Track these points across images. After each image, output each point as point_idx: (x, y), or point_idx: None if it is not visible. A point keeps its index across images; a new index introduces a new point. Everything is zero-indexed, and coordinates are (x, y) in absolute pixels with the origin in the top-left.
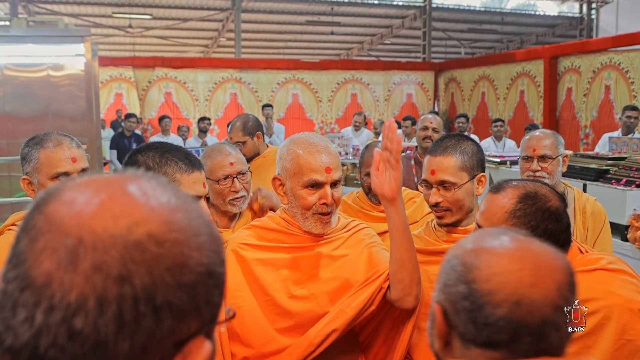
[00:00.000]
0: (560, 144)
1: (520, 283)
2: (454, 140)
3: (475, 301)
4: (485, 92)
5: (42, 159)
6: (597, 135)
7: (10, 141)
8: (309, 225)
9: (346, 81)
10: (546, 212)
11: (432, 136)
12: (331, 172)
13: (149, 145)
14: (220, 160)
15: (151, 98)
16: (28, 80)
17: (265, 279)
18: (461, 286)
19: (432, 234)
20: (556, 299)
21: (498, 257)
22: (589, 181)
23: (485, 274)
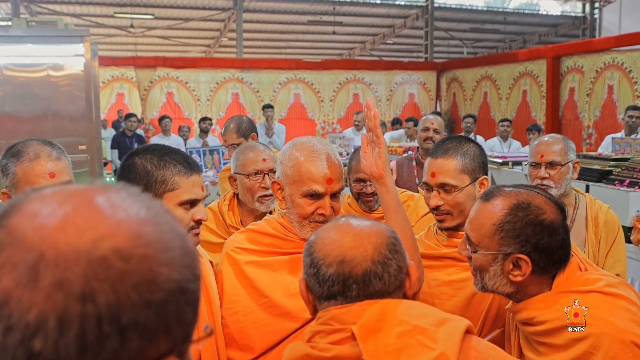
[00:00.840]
0: (571, 150)
1: (343, 247)
2: (456, 142)
3: (315, 265)
4: (487, 92)
5: (19, 174)
6: (600, 136)
7: (11, 141)
8: (306, 233)
9: (348, 81)
10: (538, 225)
11: (434, 137)
12: (332, 183)
13: (146, 148)
14: (253, 156)
15: (153, 98)
16: (28, 80)
17: (262, 281)
18: (307, 258)
19: (433, 238)
20: (374, 255)
21: (328, 232)
22: (591, 182)
23: (319, 245)
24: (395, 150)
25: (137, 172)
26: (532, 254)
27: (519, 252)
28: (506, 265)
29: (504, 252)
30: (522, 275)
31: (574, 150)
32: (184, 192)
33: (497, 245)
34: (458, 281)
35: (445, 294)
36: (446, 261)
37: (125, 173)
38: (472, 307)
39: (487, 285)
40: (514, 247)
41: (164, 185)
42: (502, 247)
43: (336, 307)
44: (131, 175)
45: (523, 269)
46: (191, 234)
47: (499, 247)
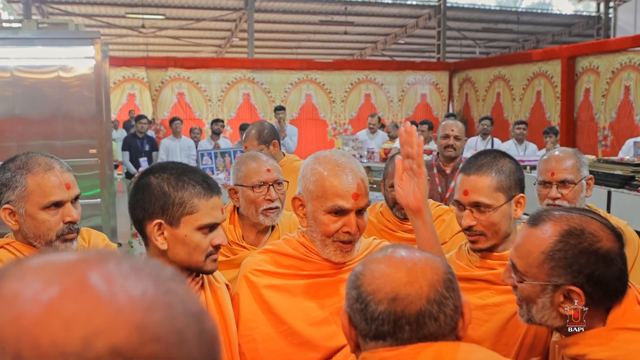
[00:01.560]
0: (584, 166)
1: (395, 282)
2: (490, 157)
3: (362, 301)
4: (500, 92)
5: (32, 185)
6: (616, 137)
7: (21, 143)
8: (328, 252)
9: (360, 81)
10: (593, 254)
11: (455, 144)
12: (358, 198)
13: (163, 166)
14: (256, 167)
15: (164, 98)
16: (38, 82)
17: (282, 306)
18: (353, 291)
19: (465, 258)
20: (429, 294)
21: (379, 265)
22: (614, 188)
23: (369, 279)
24: None
25: (153, 193)
26: (585, 285)
27: (570, 283)
28: (556, 297)
29: (554, 283)
30: (575, 309)
31: (587, 165)
32: (203, 216)
33: (546, 275)
34: (492, 305)
35: (478, 319)
36: (479, 284)
37: (140, 193)
38: (507, 333)
39: (534, 317)
40: (565, 278)
41: (182, 207)
42: (552, 278)
43: (385, 349)
44: (146, 196)
45: (575, 302)
46: (209, 260)
47: (549, 278)
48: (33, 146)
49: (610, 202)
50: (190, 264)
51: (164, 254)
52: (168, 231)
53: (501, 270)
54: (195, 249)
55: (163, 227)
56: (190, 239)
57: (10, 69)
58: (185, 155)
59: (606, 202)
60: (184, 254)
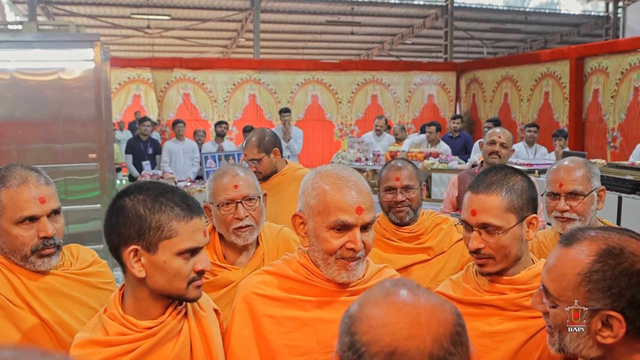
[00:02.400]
0: (595, 176)
1: (395, 335)
2: (501, 174)
3: (356, 351)
4: (508, 93)
5: (5, 199)
6: (625, 139)
7: (21, 147)
8: (332, 272)
9: (366, 82)
10: (634, 276)
11: (500, 152)
12: (362, 212)
13: (139, 187)
14: (224, 183)
15: (169, 99)
16: (38, 84)
17: (276, 342)
18: (346, 337)
19: (473, 281)
20: (433, 350)
21: (377, 310)
22: (624, 194)
23: (365, 327)
24: (415, 156)
25: (128, 216)
26: (626, 310)
27: (609, 308)
28: (593, 323)
29: (592, 307)
30: (614, 337)
31: (598, 176)
32: (183, 240)
33: (582, 299)
34: (501, 332)
35: (485, 347)
36: (488, 309)
37: (114, 217)
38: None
39: (567, 347)
40: (603, 302)
41: (159, 232)
42: (589, 302)
43: None
44: (121, 219)
45: (615, 329)
46: (192, 287)
47: (586, 302)
48: (33, 150)
49: (621, 208)
50: (171, 292)
51: (143, 282)
52: (145, 257)
53: (512, 295)
54: (175, 276)
55: (140, 253)
56: (170, 265)
57: (10, 71)
58: (188, 158)
59: (617, 208)
60: (164, 281)
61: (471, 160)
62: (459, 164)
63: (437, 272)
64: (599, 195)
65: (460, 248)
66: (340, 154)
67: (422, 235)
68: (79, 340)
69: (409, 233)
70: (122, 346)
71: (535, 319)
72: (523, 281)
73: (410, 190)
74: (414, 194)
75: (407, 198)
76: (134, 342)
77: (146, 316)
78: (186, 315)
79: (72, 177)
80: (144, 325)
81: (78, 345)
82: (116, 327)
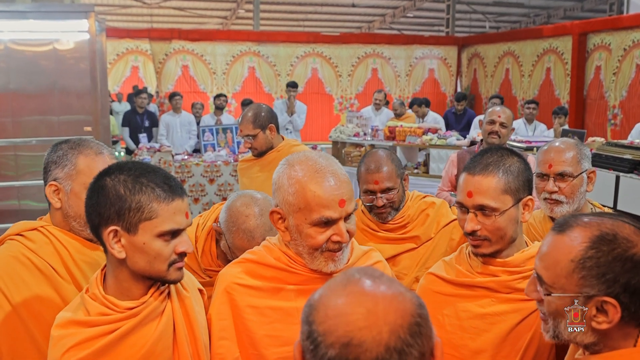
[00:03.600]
0: (585, 158)
1: (350, 325)
2: (497, 155)
3: (313, 341)
4: (509, 68)
5: (81, 165)
6: (625, 117)
7: (16, 119)
8: (319, 264)
9: (367, 55)
10: (628, 261)
11: (500, 131)
12: (345, 204)
13: (120, 167)
14: (250, 235)
15: (168, 71)
16: (33, 55)
17: (257, 333)
18: (305, 326)
19: (466, 262)
20: (389, 341)
21: (335, 300)
22: (622, 173)
23: (322, 316)
24: (414, 132)
25: (108, 197)
26: (621, 296)
27: (604, 294)
28: (588, 310)
29: (586, 294)
30: (609, 322)
31: (589, 158)
32: (163, 222)
33: (576, 286)
34: (492, 315)
35: (477, 328)
36: (480, 291)
37: (95, 197)
38: (508, 345)
39: (562, 333)
40: (598, 289)
41: (139, 213)
42: (583, 289)
43: None
44: (101, 199)
45: (610, 314)
46: (173, 269)
47: (580, 289)
48: (28, 122)
49: (619, 187)
50: (152, 274)
51: (123, 263)
52: (125, 238)
53: (505, 277)
54: (156, 257)
55: (120, 234)
56: (150, 246)
57: (4, 42)
58: (185, 131)
59: (614, 187)
60: (144, 263)
61: (470, 137)
62: (457, 140)
63: (426, 258)
64: (589, 177)
65: (449, 232)
66: (339, 129)
67: (407, 224)
68: (61, 320)
69: (394, 224)
70: (103, 326)
71: (527, 301)
72: (516, 264)
73: (391, 191)
74: (395, 194)
75: (388, 199)
76: (115, 323)
77: (128, 296)
78: (169, 295)
79: None
80: (126, 306)
81: (59, 325)
82: (97, 307)
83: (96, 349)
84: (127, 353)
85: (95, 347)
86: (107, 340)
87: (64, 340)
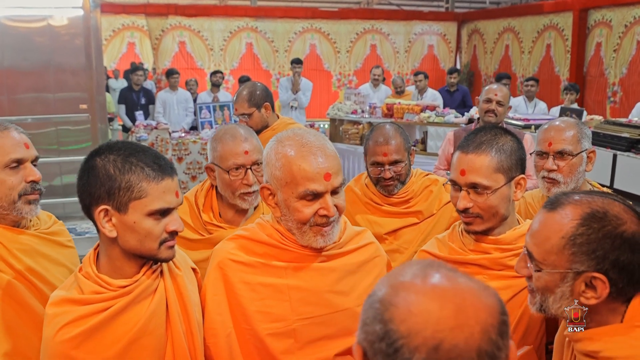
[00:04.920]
0: (585, 137)
1: (440, 325)
2: (490, 134)
3: (391, 344)
4: (509, 44)
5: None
6: (625, 94)
7: (12, 97)
8: (308, 239)
9: (365, 31)
10: (618, 238)
11: (497, 110)
12: (331, 178)
13: (110, 147)
14: (233, 147)
15: (165, 47)
16: (27, 32)
17: (249, 308)
18: (378, 325)
19: (458, 240)
20: (482, 344)
21: (417, 295)
22: (620, 151)
23: (402, 313)
24: (412, 109)
25: (98, 176)
26: (609, 272)
27: (594, 270)
28: (577, 285)
29: (576, 270)
30: (597, 297)
31: (589, 137)
32: (153, 201)
33: (567, 262)
34: None
35: None
36: (472, 268)
37: (85, 176)
38: None
39: (549, 308)
40: (588, 265)
41: (129, 192)
42: (573, 265)
43: None
44: (91, 179)
45: (599, 290)
46: (164, 248)
47: (570, 265)
48: (24, 99)
49: (616, 165)
50: (143, 252)
51: (115, 242)
52: (116, 217)
53: (496, 254)
54: (146, 236)
55: (110, 213)
56: (140, 225)
57: None
58: (182, 108)
59: (611, 165)
60: (135, 241)
61: (468, 115)
62: (455, 118)
63: (427, 234)
64: (588, 156)
65: (450, 209)
66: (337, 106)
67: (411, 199)
68: (55, 299)
69: (398, 198)
70: (96, 304)
71: (518, 278)
72: (508, 241)
73: (398, 164)
74: (403, 167)
75: (395, 172)
76: (108, 301)
77: (121, 275)
78: (162, 274)
79: (64, 128)
80: (119, 284)
81: (54, 303)
82: (91, 285)
83: (90, 327)
84: (120, 330)
85: (89, 324)
86: (101, 317)
87: (58, 318)
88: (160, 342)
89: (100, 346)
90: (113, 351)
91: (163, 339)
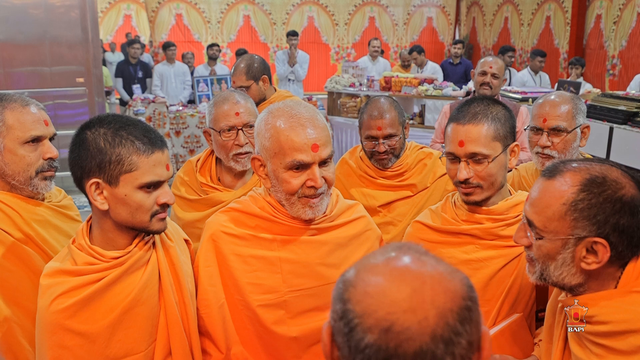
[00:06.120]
0: (580, 112)
1: (393, 306)
2: (483, 104)
3: (348, 323)
4: (508, 17)
5: (10, 120)
6: (624, 67)
7: (8, 70)
8: (297, 210)
9: (364, 3)
10: (617, 202)
11: (491, 82)
12: (319, 149)
13: (100, 120)
14: (226, 109)
15: (161, 20)
16: (22, 5)
17: (242, 279)
18: (338, 305)
19: (451, 210)
20: (436, 328)
21: (376, 276)
22: (616, 124)
23: (359, 294)
24: (410, 82)
25: (89, 150)
26: (610, 236)
27: (595, 234)
28: (578, 251)
29: (577, 235)
30: (598, 262)
31: (584, 112)
32: (143, 174)
33: (568, 228)
34: (476, 260)
35: None
36: (464, 238)
37: (77, 150)
38: (490, 289)
39: (550, 275)
40: (589, 230)
41: (119, 165)
42: (575, 231)
43: None
44: (82, 153)
45: (600, 254)
46: (155, 220)
47: (572, 231)
48: (20, 73)
49: (612, 138)
50: (134, 225)
51: (107, 214)
52: (107, 190)
53: (488, 224)
54: (137, 209)
55: (101, 186)
56: (132, 198)
57: None
58: (180, 82)
59: (607, 138)
60: (126, 214)
61: (466, 88)
62: (453, 91)
63: (421, 206)
64: (582, 132)
65: (444, 182)
66: (334, 79)
67: (405, 172)
68: (49, 270)
69: (392, 171)
70: (90, 275)
71: (510, 247)
72: (500, 212)
73: (392, 138)
74: (397, 141)
75: (390, 146)
76: (101, 272)
77: (113, 246)
78: (154, 245)
79: (61, 102)
80: (111, 255)
81: (47, 274)
82: (84, 257)
83: (83, 297)
84: (113, 300)
85: (83, 295)
86: (94, 288)
87: (52, 288)
88: (153, 311)
89: (94, 316)
90: (107, 321)
91: (156, 309)
